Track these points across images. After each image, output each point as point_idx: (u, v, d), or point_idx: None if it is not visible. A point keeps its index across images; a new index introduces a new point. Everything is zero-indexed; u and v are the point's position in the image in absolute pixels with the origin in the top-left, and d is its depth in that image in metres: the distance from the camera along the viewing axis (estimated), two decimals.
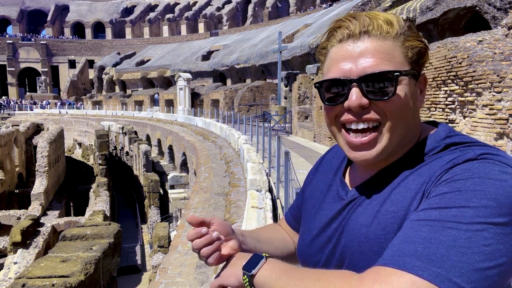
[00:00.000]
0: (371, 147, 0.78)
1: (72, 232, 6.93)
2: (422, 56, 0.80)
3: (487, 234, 0.60)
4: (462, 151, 0.73)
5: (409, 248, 0.62)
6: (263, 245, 1.01)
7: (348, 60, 0.77)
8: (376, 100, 0.76)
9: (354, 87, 0.76)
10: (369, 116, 0.76)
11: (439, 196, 0.67)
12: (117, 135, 30.53)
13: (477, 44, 6.78)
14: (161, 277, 5.17)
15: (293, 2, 57.12)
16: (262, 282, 0.75)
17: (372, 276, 0.62)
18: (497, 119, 6.24)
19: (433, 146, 0.78)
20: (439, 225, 0.63)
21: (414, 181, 0.74)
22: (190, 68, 43.90)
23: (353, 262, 0.79)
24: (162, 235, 12.89)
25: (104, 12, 71.55)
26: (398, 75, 0.75)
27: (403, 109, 0.76)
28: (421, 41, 0.80)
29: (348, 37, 0.78)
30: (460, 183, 0.66)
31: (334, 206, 0.89)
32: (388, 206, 0.76)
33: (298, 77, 19.91)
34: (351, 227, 0.81)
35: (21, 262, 13.43)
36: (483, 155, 0.70)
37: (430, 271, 0.58)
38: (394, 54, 0.76)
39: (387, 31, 0.77)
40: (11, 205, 20.93)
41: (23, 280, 5.36)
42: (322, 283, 0.67)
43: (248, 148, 10.82)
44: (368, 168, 0.85)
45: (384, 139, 0.77)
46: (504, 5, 11.21)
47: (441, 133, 0.81)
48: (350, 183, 0.90)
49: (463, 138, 0.78)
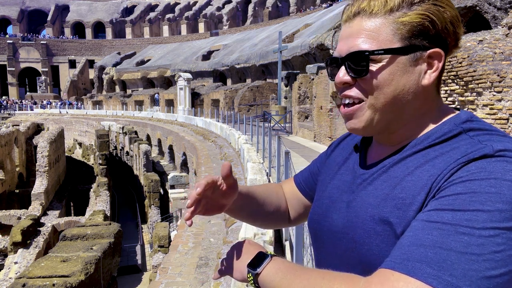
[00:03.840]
0: (356, 118, 0.81)
1: (73, 232, 6.93)
2: (427, 30, 0.76)
3: (499, 240, 0.59)
4: (480, 142, 0.70)
5: (419, 252, 0.61)
6: (253, 200, 1.04)
7: (342, 40, 0.82)
8: (357, 78, 0.79)
9: (343, 66, 0.81)
10: (349, 93, 0.81)
11: (453, 196, 0.65)
12: (118, 135, 30.54)
13: (478, 44, 6.77)
14: (162, 277, 5.18)
15: (293, 2, 57.11)
16: (266, 280, 0.76)
17: (380, 280, 0.61)
18: (497, 119, 6.24)
19: (450, 129, 0.76)
20: (451, 229, 0.61)
21: (427, 172, 0.72)
22: (190, 68, 43.90)
23: (354, 238, 0.80)
24: (162, 235, 12.90)
25: (104, 12, 71.55)
26: (367, 55, 0.76)
27: (382, 87, 0.77)
28: (424, 14, 0.75)
29: (347, 18, 0.82)
30: (476, 184, 0.64)
31: (346, 178, 0.89)
32: (398, 191, 0.74)
33: (298, 77, 19.90)
34: (359, 204, 0.81)
35: (21, 262, 13.44)
36: (501, 151, 0.67)
37: (440, 279, 0.57)
38: (380, 32, 0.77)
39: (378, 8, 0.77)
40: (11, 205, 20.94)
41: (24, 280, 5.36)
42: (327, 283, 0.66)
43: (248, 148, 10.82)
44: (385, 146, 0.85)
45: (367, 114, 0.79)
46: (505, 4, 11.20)
47: (462, 116, 0.79)
48: (367, 160, 0.90)
49: (484, 125, 0.76)
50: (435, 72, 0.78)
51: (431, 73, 0.78)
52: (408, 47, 0.76)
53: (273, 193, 1.10)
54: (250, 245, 0.86)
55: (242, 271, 0.81)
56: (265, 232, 4.15)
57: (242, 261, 0.82)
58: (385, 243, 0.74)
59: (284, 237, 5.44)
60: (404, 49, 0.76)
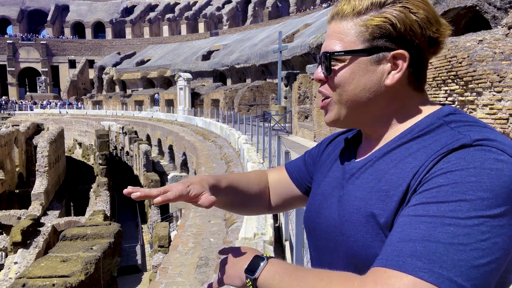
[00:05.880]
0: (328, 112, 0.88)
1: (73, 232, 6.93)
2: (389, 32, 0.78)
3: (484, 228, 0.60)
4: (460, 133, 0.72)
5: (408, 247, 0.62)
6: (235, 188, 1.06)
7: (324, 41, 0.89)
8: (327, 76, 0.86)
9: (320, 64, 0.88)
10: (321, 89, 0.89)
11: (436, 188, 0.66)
12: (117, 135, 30.53)
13: (477, 44, 6.77)
14: (162, 277, 5.18)
15: (293, 2, 57.12)
16: (265, 284, 0.76)
17: (373, 279, 0.62)
18: (497, 119, 6.24)
19: (432, 122, 0.78)
20: (438, 221, 0.62)
21: (409, 164, 0.74)
22: (190, 68, 43.90)
23: (342, 231, 0.82)
24: (162, 235, 12.89)
25: (104, 12, 71.57)
26: (329, 55, 0.84)
27: (343, 85, 0.83)
28: (385, 17, 0.78)
29: (328, 21, 0.90)
30: (457, 175, 0.65)
31: (337, 174, 0.92)
32: (383, 184, 0.77)
33: (298, 77, 19.91)
34: (348, 198, 0.83)
35: (21, 262, 13.44)
36: (478, 141, 0.68)
37: (431, 272, 0.58)
38: (347, 34, 0.83)
39: (348, 12, 0.83)
40: (11, 205, 20.94)
41: (24, 280, 5.36)
42: (325, 284, 0.67)
43: (248, 148, 10.83)
44: (372, 141, 0.89)
45: (335, 109, 0.86)
46: (505, 4, 11.21)
47: (445, 110, 0.80)
48: (357, 156, 0.93)
49: (466, 117, 0.77)
50: (399, 72, 0.80)
51: (394, 73, 0.80)
52: (369, 49, 0.80)
53: (254, 181, 1.12)
54: (245, 250, 0.86)
55: (241, 277, 0.81)
56: (265, 232, 4.15)
57: (239, 267, 0.82)
58: (369, 234, 0.76)
59: (284, 237, 5.45)
60: (366, 50, 0.80)
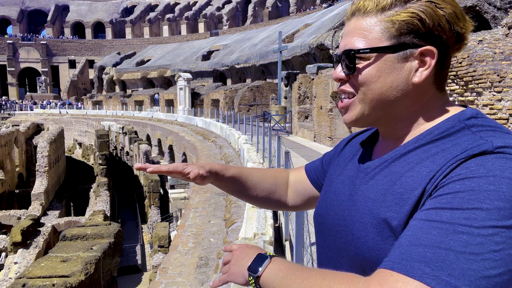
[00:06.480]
0: (349, 112, 0.85)
1: (73, 232, 6.93)
2: (417, 28, 0.75)
3: (498, 238, 0.58)
4: (482, 138, 0.69)
5: (417, 251, 0.60)
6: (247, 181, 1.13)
7: (343, 38, 0.87)
8: (349, 75, 0.83)
9: (339, 62, 0.86)
10: (343, 88, 0.86)
11: (451, 194, 0.64)
12: (117, 135, 30.54)
13: (477, 44, 6.78)
14: (162, 277, 5.17)
15: (293, 2, 57.12)
16: (268, 282, 0.76)
17: (379, 281, 0.61)
18: (497, 119, 6.24)
19: (453, 125, 0.76)
20: (450, 228, 0.61)
21: (426, 167, 0.72)
22: (190, 68, 43.90)
23: (352, 231, 0.81)
24: (162, 235, 12.89)
25: (104, 12, 71.55)
26: (353, 54, 0.80)
27: (369, 83, 0.80)
28: (413, 12, 0.75)
29: (347, 17, 0.86)
30: (474, 182, 0.63)
31: (351, 173, 0.91)
32: (398, 187, 0.75)
33: (298, 77, 19.91)
34: (360, 198, 0.82)
35: (21, 262, 13.44)
36: (500, 148, 0.66)
37: (439, 279, 0.57)
38: (371, 31, 0.79)
39: (371, 7, 0.79)
40: (11, 205, 20.95)
41: (24, 280, 5.37)
42: (328, 283, 0.66)
43: (248, 148, 10.82)
44: (389, 142, 0.87)
45: (358, 107, 0.83)
46: (504, 4, 11.20)
47: (467, 112, 0.78)
48: (373, 155, 0.91)
49: (489, 121, 0.75)
50: (427, 69, 0.77)
51: (422, 70, 0.77)
52: (396, 45, 0.77)
53: (269, 179, 1.16)
54: (248, 248, 0.86)
55: (244, 274, 0.81)
56: (265, 233, 4.15)
57: (242, 265, 0.82)
58: (380, 236, 0.74)
59: (284, 237, 5.44)
60: (392, 47, 0.77)
